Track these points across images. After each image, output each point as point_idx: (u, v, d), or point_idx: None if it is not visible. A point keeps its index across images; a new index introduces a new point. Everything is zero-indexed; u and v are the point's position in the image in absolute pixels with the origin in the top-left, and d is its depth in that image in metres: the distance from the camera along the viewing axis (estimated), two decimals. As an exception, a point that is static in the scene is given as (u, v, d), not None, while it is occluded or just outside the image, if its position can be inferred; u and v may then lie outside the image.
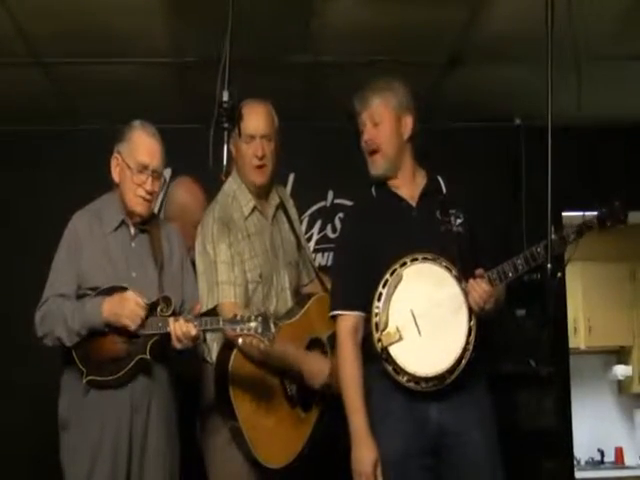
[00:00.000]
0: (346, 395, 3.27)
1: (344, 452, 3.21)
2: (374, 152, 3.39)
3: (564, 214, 5.03)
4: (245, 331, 3.22)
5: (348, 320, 3.31)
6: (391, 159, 3.39)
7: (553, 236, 3.09)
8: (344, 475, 3.23)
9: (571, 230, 3.25)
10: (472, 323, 3.18)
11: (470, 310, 3.18)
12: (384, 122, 3.37)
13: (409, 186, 3.42)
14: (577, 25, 3.09)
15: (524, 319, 5.31)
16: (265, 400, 3.56)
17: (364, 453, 3.17)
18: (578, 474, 6.33)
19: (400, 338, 3.17)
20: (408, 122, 3.41)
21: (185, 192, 4.30)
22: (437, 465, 3.21)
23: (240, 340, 3.28)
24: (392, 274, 3.21)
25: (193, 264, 3.68)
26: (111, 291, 3.32)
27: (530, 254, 3.22)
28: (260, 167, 3.67)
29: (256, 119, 3.62)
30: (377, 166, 3.41)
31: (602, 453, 8.30)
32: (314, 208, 5.86)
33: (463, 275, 3.22)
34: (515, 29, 4.30)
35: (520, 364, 5.25)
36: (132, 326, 3.26)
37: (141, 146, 3.44)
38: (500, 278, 3.22)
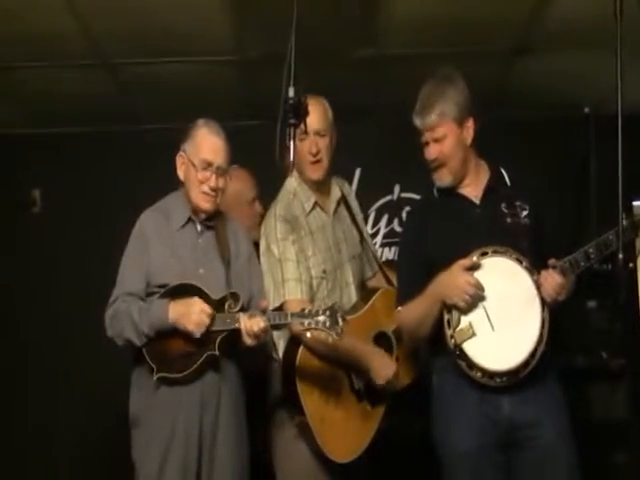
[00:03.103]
0: (418, 306, 3.27)
1: (409, 449, 3.19)
2: (439, 167, 3.34)
3: (635, 204, 4.94)
4: (313, 325, 3.22)
5: None
6: (458, 170, 3.33)
7: (624, 222, 3.00)
8: (407, 472, 3.21)
9: None
10: (545, 315, 3.14)
11: (543, 302, 3.14)
12: (447, 137, 3.29)
13: (473, 184, 3.37)
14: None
15: (595, 311, 5.23)
16: (332, 394, 3.56)
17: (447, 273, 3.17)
18: (652, 468, 6.22)
19: (473, 334, 3.15)
20: (470, 125, 3.33)
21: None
22: (509, 460, 3.19)
23: (308, 334, 3.28)
24: None
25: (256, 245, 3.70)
26: (178, 290, 3.34)
27: (602, 241, 3.16)
28: (315, 163, 3.67)
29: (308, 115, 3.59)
30: (443, 180, 3.35)
31: (678, 446, 8.14)
32: (381, 202, 5.86)
33: (534, 266, 3.17)
34: (583, 15, 4.21)
35: (591, 356, 5.17)
36: (197, 334, 3.27)
37: (205, 144, 3.46)
38: (572, 268, 3.16)
